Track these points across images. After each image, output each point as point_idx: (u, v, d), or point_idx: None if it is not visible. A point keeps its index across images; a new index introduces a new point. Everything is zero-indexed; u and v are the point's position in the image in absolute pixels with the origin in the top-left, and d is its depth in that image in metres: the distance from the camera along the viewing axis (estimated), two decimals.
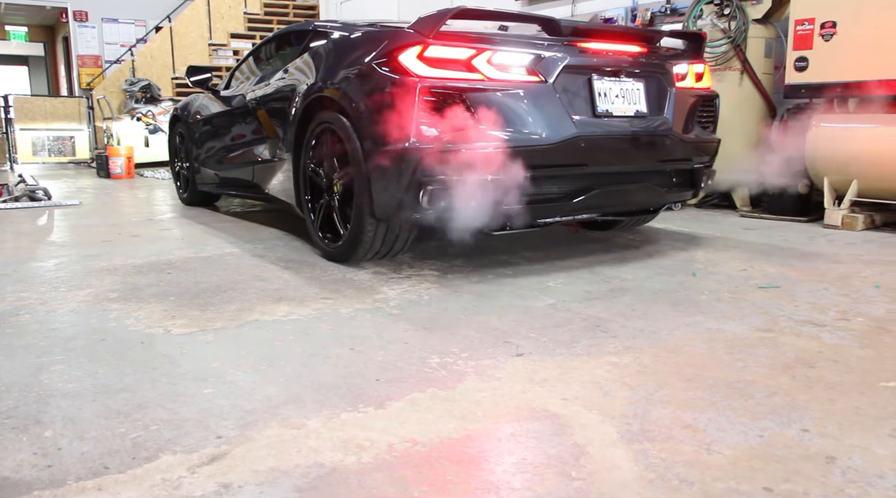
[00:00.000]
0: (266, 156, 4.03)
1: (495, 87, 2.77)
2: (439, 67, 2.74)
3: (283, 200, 3.85)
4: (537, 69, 2.87)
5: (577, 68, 2.97)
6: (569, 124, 2.87)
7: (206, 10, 12.99)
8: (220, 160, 4.84)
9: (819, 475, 1.37)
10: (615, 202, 3.26)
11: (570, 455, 1.45)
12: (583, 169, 2.98)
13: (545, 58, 2.91)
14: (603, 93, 3.03)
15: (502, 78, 2.81)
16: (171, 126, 5.92)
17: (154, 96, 11.87)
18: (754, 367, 1.96)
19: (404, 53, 2.76)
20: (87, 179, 8.98)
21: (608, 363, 1.98)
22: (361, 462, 1.43)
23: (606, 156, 3.04)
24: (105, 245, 3.90)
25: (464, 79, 2.75)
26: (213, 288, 2.86)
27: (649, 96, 3.20)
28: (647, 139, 3.17)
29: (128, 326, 2.35)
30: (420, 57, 2.74)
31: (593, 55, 3.06)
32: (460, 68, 2.76)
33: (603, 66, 3.06)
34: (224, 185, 4.94)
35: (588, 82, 3.01)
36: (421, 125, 2.69)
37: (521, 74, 2.85)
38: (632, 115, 3.13)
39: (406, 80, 2.72)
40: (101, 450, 1.49)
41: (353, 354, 2.07)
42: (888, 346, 2.14)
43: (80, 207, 5.82)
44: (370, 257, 3.20)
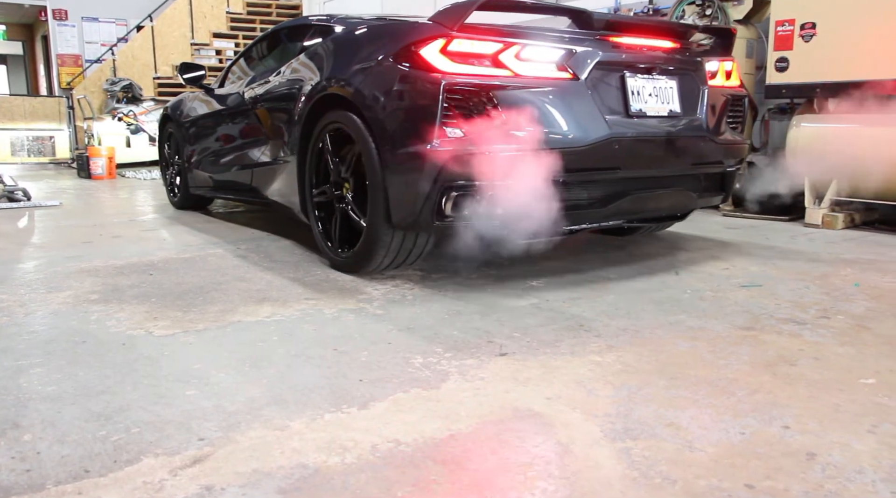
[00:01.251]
0: (266, 158, 3.80)
1: (524, 85, 2.58)
2: (464, 63, 2.55)
3: (284, 205, 3.63)
4: (568, 65, 2.69)
5: (609, 64, 2.79)
6: (602, 125, 2.68)
7: (188, 10, 12.92)
8: (214, 162, 4.60)
9: (799, 471, 1.38)
10: (647, 208, 3.08)
11: (553, 454, 1.46)
12: (615, 173, 2.78)
13: (577, 53, 2.72)
14: (636, 91, 2.86)
15: (531, 74, 2.61)
16: (161, 126, 5.67)
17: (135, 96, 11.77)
18: (736, 365, 1.97)
19: (426, 47, 2.56)
20: (68, 180, 8.89)
21: (591, 362, 1.99)
22: (345, 463, 1.43)
23: (640, 158, 2.87)
24: (86, 246, 3.86)
25: (491, 75, 2.55)
26: (196, 289, 2.84)
27: (683, 95, 3.04)
28: (681, 141, 3.01)
29: (109, 328, 2.33)
30: (444, 51, 2.54)
31: (626, 51, 2.90)
32: (486, 64, 2.57)
33: (636, 63, 2.89)
34: (219, 189, 4.69)
35: (621, 79, 2.83)
36: (445, 125, 2.49)
37: (552, 71, 2.66)
38: (665, 115, 2.96)
39: (429, 76, 2.52)
40: (81, 453, 1.47)
41: (336, 354, 2.07)
42: (867, 343, 2.16)
43: (60, 208, 5.76)
44: (384, 268, 3.00)
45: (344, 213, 3.06)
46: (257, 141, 3.93)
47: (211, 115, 4.65)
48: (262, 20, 13.34)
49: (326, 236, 3.22)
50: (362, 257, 2.93)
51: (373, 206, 2.78)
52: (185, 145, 5.05)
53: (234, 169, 4.27)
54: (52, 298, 2.71)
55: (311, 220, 3.31)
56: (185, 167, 5.10)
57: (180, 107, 5.24)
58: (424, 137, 2.52)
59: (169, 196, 5.69)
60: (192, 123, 4.96)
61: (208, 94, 4.78)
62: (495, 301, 2.64)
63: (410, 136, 2.56)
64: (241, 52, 4.79)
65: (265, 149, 3.81)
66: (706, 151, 3.11)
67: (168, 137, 5.50)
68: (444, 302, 2.63)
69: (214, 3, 13.12)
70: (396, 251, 2.86)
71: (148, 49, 12.68)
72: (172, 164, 5.47)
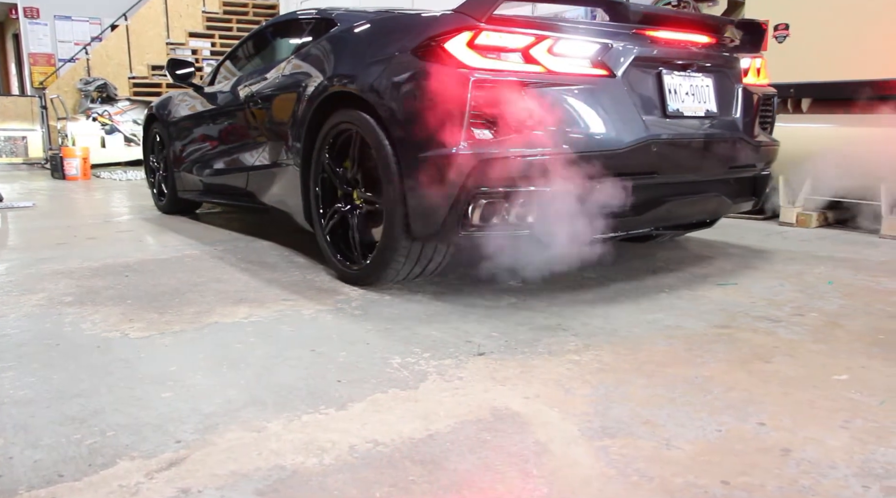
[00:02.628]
0: (264, 161, 3.55)
1: (557, 82, 2.39)
2: (493, 58, 2.35)
3: (284, 212, 3.42)
4: (604, 61, 2.50)
5: (646, 61, 2.61)
6: (639, 125, 2.50)
7: (163, 9, 12.80)
8: (205, 165, 4.33)
9: (774, 467, 1.40)
10: (683, 215, 2.93)
11: (531, 453, 1.46)
12: (652, 178, 2.60)
13: (613, 48, 2.53)
14: (673, 89, 2.69)
15: (565, 70, 2.42)
16: (145, 126, 5.39)
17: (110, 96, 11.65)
18: (712, 363, 1.99)
19: (452, 40, 2.35)
20: (42, 181, 8.77)
21: (569, 361, 2.00)
22: (323, 464, 1.42)
23: (678, 162, 2.69)
24: (60, 248, 3.81)
25: (522, 71, 2.35)
26: (172, 290, 2.82)
27: (718, 94, 2.88)
28: (718, 143, 2.84)
29: (83, 331, 2.30)
30: (471, 45, 2.34)
31: (663, 46, 2.71)
32: (517, 59, 2.37)
33: (673, 59, 2.71)
34: (210, 193, 4.42)
35: (657, 77, 2.65)
36: (472, 126, 2.30)
37: (587, 67, 2.47)
38: (702, 115, 2.80)
39: (455, 72, 2.31)
40: (55, 457, 1.45)
41: (314, 355, 2.06)
42: (840, 340, 2.19)
43: (33, 209, 5.68)
44: (399, 280, 2.78)
45: (354, 222, 2.84)
46: (254, 142, 3.70)
47: (201, 115, 4.41)
48: (238, 20, 13.25)
49: (334, 246, 2.99)
50: (375, 270, 2.70)
51: (388, 215, 2.57)
52: (173, 147, 4.81)
53: (227, 172, 4.06)
54: (26, 301, 2.68)
55: (316, 228, 3.08)
56: (173, 170, 4.85)
57: (167, 106, 4.98)
58: (450, 140, 2.31)
59: (155, 200, 5.40)
60: (180, 124, 4.71)
61: (198, 93, 4.54)
62: (473, 301, 2.64)
63: (434, 138, 2.35)
64: (234, 48, 4.54)
65: (263, 151, 3.59)
66: (742, 154, 2.95)
67: (154, 138, 5.24)
68: (422, 302, 2.63)
69: (190, 3, 13.01)
70: (413, 263, 2.65)
71: (123, 48, 12.54)
72: (158, 167, 5.23)
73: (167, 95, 5.14)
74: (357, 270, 2.83)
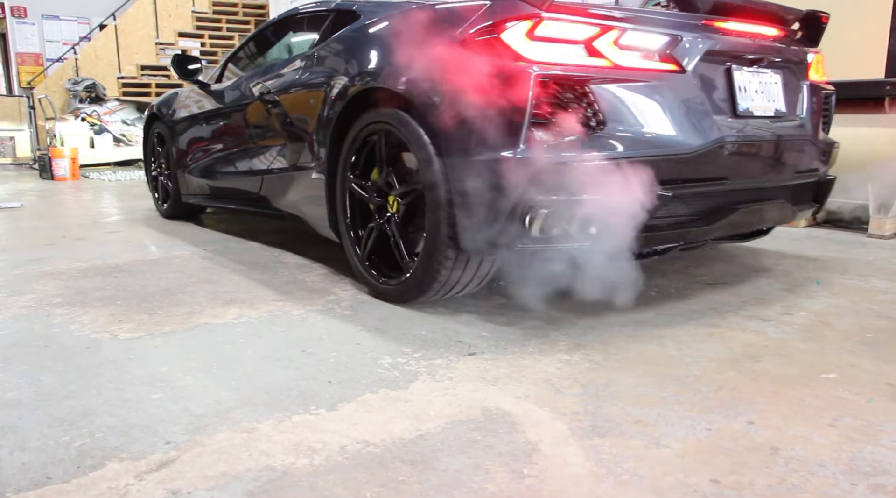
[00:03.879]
0: (281, 164, 3.29)
1: (624, 77, 2.18)
2: (554, 50, 2.13)
3: (304, 220, 3.19)
4: (674, 55, 2.30)
5: (716, 55, 2.42)
6: (711, 126, 2.31)
7: (152, 9, 12.76)
8: (212, 167, 4.07)
9: (763, 466, 1.41)
10: (750, 223, 2.72)
11: (522, 453, 1.46)
12: (722, 184, 2.41)
13: (682, 40, 2.33)
14: (743, 87, 2.49)
15: (632, 65, 2.22)
16: (146, 126, 5.07)
17: (99, 96, 11.60)
18: (702, 362, 2.00)
19: (510, 30, 2.13)
20: (30, 181, 8.72)
21: (559, 361, 2.00)
22: (313, 464, 1.42)
23: (749, 166, 2.50)
24: (49, 248, 3.79)
25: (588, 66, 2.15)
26: (162, 291, 2.81)
27: (786, 92, 2.69)
28: (788, 145, 2.64)
29: (72, 332, 2.29)
30: (530, 35, 2.12)
31: (732, 38, 2.51)
32: (579, 52, 2.16)
33: (742, 53, 2.52)
34: (217, 197, 4.16)
35: (727, 73, 2.46)
36: (533, 127, 2.07)
37: (655, 61, 2.27)
38: (772, 115, 2.60)
39: (515, 66, 2.08)
40: (43, 459, 1.44)
41: (304, 355, 2.06)
42: (829, 339, 2.21)
43: (21, 210, 5.64)
44: (444, 296, 2.53)
45: (391, 233, 2.58)
46: (270, 144, 3.42)
47: (208, 115, 4.13)
48: (228, 20, 13.23)
49: (367, 260, 2.72)
50: (416, 286, 2.46)
51: (432, 226, 2.32)
52: (177, 148, 4.52)
53: (237, 175, 3.80)
54: (14, 302, 2.66)
55: (343, 239, 2.83)
56: (176, 172, 4.57)
57: (171, 105, 4.67)
58: (508, 142, 2.08)
59: (156, 204, 5.10)
60: (185, 123, 4.43)
61: (204, 91, 4.25)
62: (463, 300, 2.64)
63: (488, 140, 2.11)
64: (241, 44, 4.24)
65: (280, 153, 3.31)
66: (809, 157, 2.76)
67: (155, 139, 4.93)
68: (412, 302, 2.63)
69: (179, 2, 12.96)
70: (458, 278, 2.41)
71: (111, 48, 12.47)
72: (160, 169, 4.91)
73: (170, 93, 4.86)
74: (395, 286, 2.57)
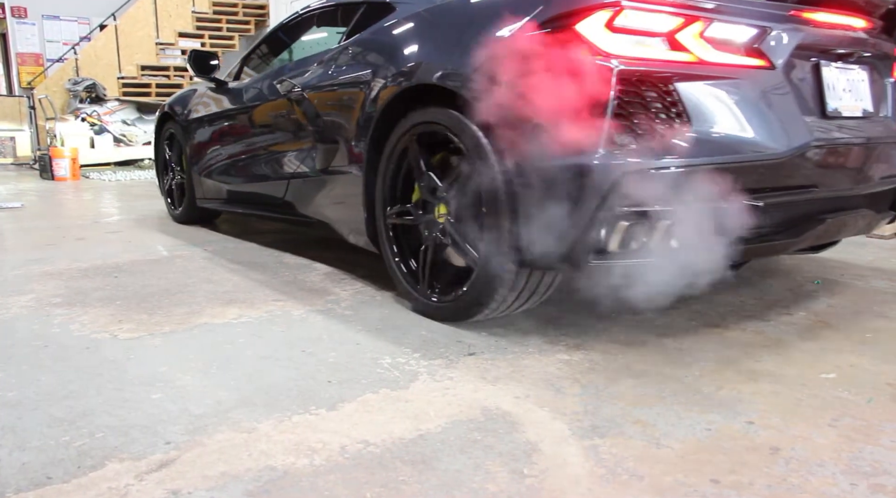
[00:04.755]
0: (310, 167, 3.06)
1: (710, 74, 1.97)
2: (635, 43, 1.92)
3: (333, 228, 2.98)
4: (763, 49, 2.07)
5: (804, 49, 2.17)
6: (801, 128, 2.07)
7: (152, 9, 12.74)
8: (231, 170, 3.84)
9: (763, 466, 1.41)
10: (835, 233, 2.52)
11: (522, 453, 1.46)
12: (810, 192, 2.19)
13: (772, 34, 2.09)
14: (831, 84, 2.26)
15: (719, 60, 2.00)
16: (158, 126, 4.81)
17: (99, 96, 11.60)
18: (702, 362, 2.00)
19: (587, 21, 1.91)
20: (30, 182, 8.72)
21: (559, 361, 2.00)
22: (314, 464, 1.42)
23: (838, 172, 2.27)
24: (49, 248, 3.79)
25: (671, 61, 1.94)
26: (162, 291, 2.81)
27: (873, 90, 2.46)
28: (876, 148, 2.39)
29: (72, 332, 2.29)
30: (610, 26, 1.90)
31: (821, 31, 2.27)
32: (662, 45, 1.95)
33: (830, 48, 2.28)
34: (235, 201, 3.92)
35: (815, 69, 2.22)
36: (614, 129, 1.85)
37: (742, 56, 2.05)
38: (860, 115, 2.37)
39: (592, 61, 1.87)
40: (43, 460, 1.45)
41: (304, 355, 2.06)
42: (828, 339, 2.21)
43: (22, 210, 5.65)
44: (502, 313, 2.31)
45: (440, 245, 2.38)
46: (298, 146, 3.18)
47: (226, 114, 3.91)
48: (228, 20, 13.21)
49: (410, 274, 2.52)
50: (472, 303, 2.24)
51: (491, 238, 2.12)
52: (191, 149, 4.27)
53: (259, 179, 3.57)
54: (13, 302, 2.66)
55: (385, 251, 2.61)
56: (192, 175, 4.32)
57: (185, 104, 4.41)
58: (584, 146, 1.86)
59: (169, 208, 4.85)
60: (201, 123, 4.17)
61: (220, 89, 4.04)
62: None
63: (561, 144, 1.90)
64: (261, 39, 4.02)
65: (310, 155, 3.07)
66: (893, 161, 2.49)
67: (168, 139, 4.69)
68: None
69: (180, 3, 12.95)
70: (517, 295, 2.20)
71: (112, 48, 12.48)
72: (173, 172, 4.67)
73: (184, 91, 4.64)
74: (446, 303, 2.36)
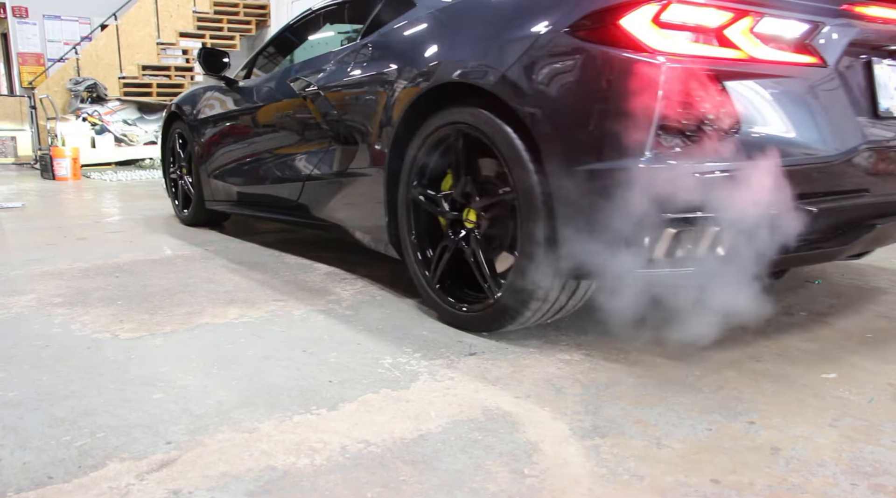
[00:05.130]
0: (327, 168, 2.96)
1: (760, 72, 1.86)
2: (683, 39, 1.82)
3: (351, 232, 2.89)
4: (815, 46, 1.95)
5: (857, 46, 2.03)
6: (854, 129, 1.97)
7: (153, 9, 12.75)
8: (242, 171, 3.76)
9: (764, 465, 1.41)
10: (884, 240, 2.36)
11: (522, 453, 1.46)
12: (862, 197, 2.06)
13: (824, 29, 1.96)
14: (884, 83, 2.10)
15: (769, 58, 1.88)
16: (165, 126, 4.71)
17: (100, 96, 11.62)
18: (703, 362, 2.00)
19: (631, 15, 1.81)
20: (31, 181, 8.73)
21: (560, 361, 2.00)
22: (314, 464, 1.42)
23: (889, 175, 2.13)
24: (50, 248, 3.80)
25: (720, 58, 1.82)
26: (163, 291, 2.81)
27: None
28: None
29: (73, 332, 2.30)
30: (657, 21, 1.80)
31: (874, 26, 2.10)
32: (711, 41, 1.84)
33: (882, 44, 2.12)
34: (246, 204, 3.82)
35: (866, 67, 2.06)
36: (662, 131, 1.75)
37: (793, 53, 1.93)
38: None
39: (637, 58, 1.77)
40: (44, 459, 1.45)
41: (305, 355, 2.06)
42: (828, 339, 2.20)
43: (22, 210, 5.65)
44: (534, 323, 2.22)
45: (468, 252, 2.27)
46: (314, 147, 3.09)
47: (237, 114, 3.82)
48: (229, 20, 13.23)
49: (437, 282, 2.39)
50: (504, 313, 2.15)
51: (526, 245, 2.02)
52: (200, 149, 4.18)
53: (272, 180, 3.47)
54: (14, 302, 2.66)
55: (407, 256, 2.53)
56: (200, 176, 4.23)
57: (194, 103, 4.31)
58: (631, 149, 1.76)
59: (176, 210, 4.76)
60: (211, 123, 4.08)
61: (230, 88, 3.95)
62: None
63: (603, 146, 1.81)
64: (273, 37, 3.92)
65: (327, 156, 2.98)
66: None
67: (176, 139, 4.60)
68: (413, 302, 2.63)
69: (181, 2, 12.96)
70: (551, 305, 2.11)
71: (113, 48, 12.48)
72: (181, 173, 4.58)
73: (193, 90, 4.50)
74: (478, 313, 2.24)
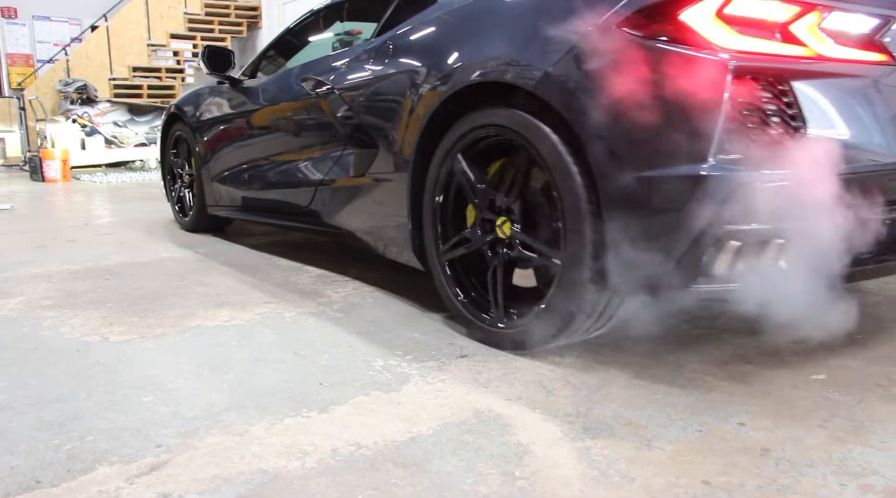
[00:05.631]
0: (342, 173, 2.81)
1: (828, 71, 1.71)
2: (748, 35, 1.66)
3: (366, 240, 2.74)
4: (884, 43, 1.79)
5: None
6: None
7: (144, 10, 12.71)
8: (247, 176, 3.60)
9: (754, 467, 1.41)
10: None
11: (513, 455, 1.47)
12: None
13: (894, 25, 1.81)
14: None
15: (837, 55, 1.74)
16: (165, 128, 4.55)
17: (90, 97, 11.57)
18: (693, 363, 2.00)
19: (694, 9, 1.65)
20: (20, 183, 8.68)
21: (551, 363, 2.00)
22: (305, 467, 1.42)
23: None
24: (39, 251, 3.78)
25: (786, 55, 1.68)
26: (153, 294, 2.80)
27: None
28: None
29: (63, 334, 2.28)
30: (720, 15, 1.64)
31: None
32: (776, 37, 1.68)
33: None
34: (251, 209, 3.67)
35: None
36: (727, 136, 1.59)
37: (860, 50, 1.78)
38: None
39: (701, 55, 1.61)
40: (32, 463, 1.44)
41: (296, 358, 2.05)
42: (818, 340, 2.21)
43: (11, 212, 5.62)
44: (573, 340, 2.08)
45: (500, 263, 2.11)
46: (327, 150, 2.93)
47: (243, 115, 3.67)
48: (220, 21, 13.18)
49: (466, 295, 2.25)
50: (545, 329, 2.00)
51: (571, 258, 1.87)
52: (202, 152, 4.02)
53: (280, 185, 3.31)
54: (3, 304, 2.65)
55: (433, 268, 2.35)
56: (202, 180, 4.07)
57: (196, 103, 4.16)
58: (692, 155, 1.61)
59: (176, 216, 4.58)
60: (214, 125, 3.93)
61: (236, 88, 3.79)
62: None
63: (661, 152, 1.66)
64: (281, 34, 3.77)
65: (342, 160, 2.82)
66: None
67: (175, 142, 4.44)
68: (404, 304, 2.63)
69: (171, 4, 12.91)
70: (593, 321, 1.97)
71: (103, 50, 12.43)
72: (181, 176, 4.43)
73: (193, 91, 4.37)
74: (512, 329, 2.08)
